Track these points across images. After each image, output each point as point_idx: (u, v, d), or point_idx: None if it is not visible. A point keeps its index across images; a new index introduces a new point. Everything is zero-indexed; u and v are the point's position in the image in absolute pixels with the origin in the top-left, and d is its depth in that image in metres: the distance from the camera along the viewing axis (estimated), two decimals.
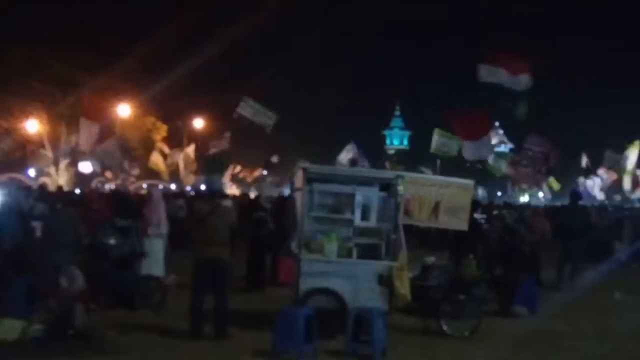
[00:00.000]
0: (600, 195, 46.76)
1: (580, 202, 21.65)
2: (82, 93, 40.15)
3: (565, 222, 17.07)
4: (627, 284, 16.52)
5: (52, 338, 9.06)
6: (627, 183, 42.31)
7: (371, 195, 10.62)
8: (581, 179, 49.47)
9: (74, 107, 39.63)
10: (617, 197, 48.81)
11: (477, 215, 14.62)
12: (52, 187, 25.48)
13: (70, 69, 40.03)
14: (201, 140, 43.43)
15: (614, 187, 47.55)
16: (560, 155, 38.24)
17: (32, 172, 35.93)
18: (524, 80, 21.72)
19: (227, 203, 11.46)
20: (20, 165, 37.11)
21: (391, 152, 73.54)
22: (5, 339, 8.91)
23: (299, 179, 10.52)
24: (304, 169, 10.68)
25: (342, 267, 10.02)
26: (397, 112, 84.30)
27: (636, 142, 39.87)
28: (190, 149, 42.18)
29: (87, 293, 10.16)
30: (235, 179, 38.95)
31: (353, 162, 33.56)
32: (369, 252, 10.27)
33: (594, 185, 46.01)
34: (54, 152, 38.17)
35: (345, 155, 35.17)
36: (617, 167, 42.30)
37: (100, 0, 47.94)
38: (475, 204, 14.98)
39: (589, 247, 18.62)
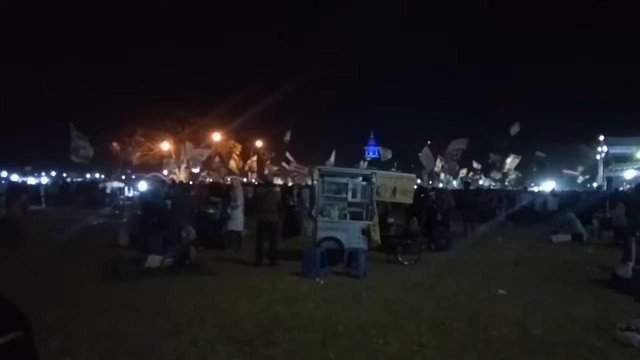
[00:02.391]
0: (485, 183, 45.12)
1: (470, 187, 21.80)
2: (193, 127, 40.73)
3: (461, 198, 17.02)
4: (504, 233, 16.44)
5: (177, 266, 9.17)
6: (511, 176, 41.49)
7: (357, 183, 10.59)
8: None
9: (189, 135, 40.09)
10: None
11: (422, 195, 14.59)
12: (176, 181, 25.47)
13: (186, 113, 40.73)
14: (260, 153, 43.81)
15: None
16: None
17: (165, 172, 36.11)
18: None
19: (276, 189, 11.46)
20: (158, 168, 37.41)
21: (369, 159, 73.10)
22: (151, 267, 9.02)
23: (316, 174, 10.53)
24: (319, 169, 10.68)
25: (341, 224, 9.97)
26: (372, 135, 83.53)
27: (514, 156, 38.66)
28: (254, 158, 42.33)
29: (197, 240, 10.24)
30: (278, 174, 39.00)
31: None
32: (356, 216, 10.19)
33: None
34: (176, 160, 38.54)
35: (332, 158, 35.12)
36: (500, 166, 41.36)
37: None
38: (420, 189, 14.95)
39: (480, 213, 18.61)
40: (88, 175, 46.56)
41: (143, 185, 20.17)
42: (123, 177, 34.92)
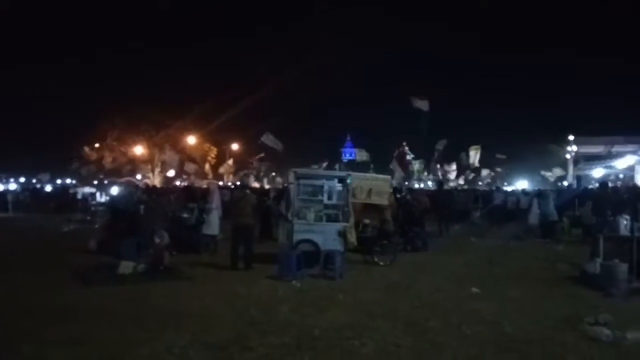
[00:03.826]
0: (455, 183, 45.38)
1: (444, 188, 22.13)
2: (167, 131, 40.17)
3: (436, 199, 17.24)
4: (478, 233, 16.70)
5: (151, 271, 9.03)
6: (483, 173, 42.15)
7: (333, 185, 10.57)
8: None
9: (162, 139, 39.57)
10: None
11: (397, 196, 14.71)
12: (150, 185, 25.10)
13: (161, 117, 40.17)
14: (236, 157, 43.48)
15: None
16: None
17: (138, 176, 35.56)
18: None
19: (251, 192, 11.39)
20: (132, 172, 36.80)
21: (346, 161, 73.06)
22: (124, 273, 8.86)
23: (291, 177, 10.51)
24: (295, 171, 10.67)
25: (317, 227, 9.96)
26: (349, 138, 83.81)
27: (474, 147, 39.12)
28: (230, 162, 42.01)
29: (171, 245, 10.10)
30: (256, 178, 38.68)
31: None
32: (332, 218, 10.21)
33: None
34: (150, 165, 38.00)
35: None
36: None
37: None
38: (395, 190, 15.06)
39: (456, 213, 18.87)
40: (59, 181, 45.51)
41: (115, 191, 19.82)
42: (95, 182, 34.26)
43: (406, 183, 35.92)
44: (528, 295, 7.67)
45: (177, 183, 35.49)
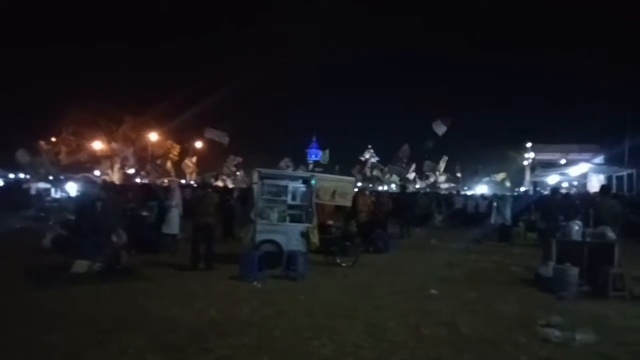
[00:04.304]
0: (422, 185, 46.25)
1: (408, 191, 22.49)
2: (128, 127, 39.10)
3: (398, 201, 17.50)
4: (439, 236, 17.04)
5: (107, 271, 8.78)
6: (440, 179, 43.11)
7: (297, 186, 10.58)
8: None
9: (123, 135, 38.53)
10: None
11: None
12: (108, 182, 24.38)
13: (122, 112, 38.97)
14: (200, 154, 42.76)
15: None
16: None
17: (97, 172, 34.45)
18: None
19: (213, 192, 11.24)
20: (90, 168, 35.60)
21: (311, 162, 73.06)
22: (79, 272, 8.58)
23: (255, 177, 10.44)
24: (259, 171, 10.61)
25: (280, 227, 9.94)
26: (314, 139, 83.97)
27: (444, 157, 40.40)
28: (193, 159, 41.30)
29: (129, 244, 9.85)
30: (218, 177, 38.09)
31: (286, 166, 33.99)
32: (295, 219, 10.20)
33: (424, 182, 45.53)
34: (110, 161, 36.90)
35: (285, 163, 35.12)
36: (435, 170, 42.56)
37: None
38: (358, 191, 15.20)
39: (417, 216, 19.23)
40: (12, 176, 43.61)
41: (72, 187, 19.18)
42: (50, 177, 33.00)
43: (370, 185, 36.24)
44: (484, 296, 7.88)
45: (137, 180, 34.61)
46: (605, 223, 8.57)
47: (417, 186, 39.57)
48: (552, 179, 28.92)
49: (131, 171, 34.77)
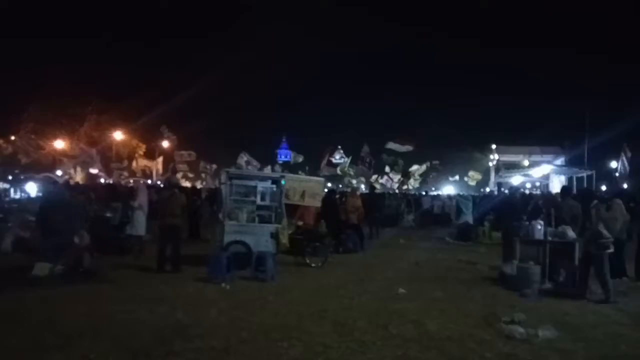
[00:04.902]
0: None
1: (377, 191, 22.67)
2: (91, 125, 38.03)
3: (368, 202, 17.59)
4: (407, 236, 17.26)
5: (69, 274, 8.52)
6: (411, 182, 43.51)
7: (266, 186, 10.52)
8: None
9: (85, 133, 37.47)
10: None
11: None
12: (72, 182, 23.69)
13: (85, 111, 37.74)
14: (166, 155, 41.98)
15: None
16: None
17: (58, 172, 33.38)
18: None
19: (180, 192, 11.06)
20: (51, 168, 34.43)
21: (281, 162, 72.99)
22: (39, 275, 8.29)
23: (224, 177, 10.34)
24: (227, 171, 10.51)
25: (249, 228, 9.86)
26: (284, 139, 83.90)
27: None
28: (160, 159, 40.56)
29: (92, 246, 9.58)
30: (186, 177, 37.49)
31: (247, 163, 33.56)
32: (265, 219, 10.15)
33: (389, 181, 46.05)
34: (73, 160, 35.80)
35: (241, 159, 34.55)
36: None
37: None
38: (328, 192, 15.22)
39: (386, 216, 19.42)
40: None
41: (32, 187, 18.54)
42: (9, 177, 31.83)
43: (339, 186, 36.42)
44: (451, 295, 8.02)
45: (102, 180, 33.75)
46: (565, 223, 8.84)
47: (389, 186, 39.91)
48: (515, 179, 29.71)
49: (95, 171, 33.82)
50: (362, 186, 39.81)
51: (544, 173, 29.42)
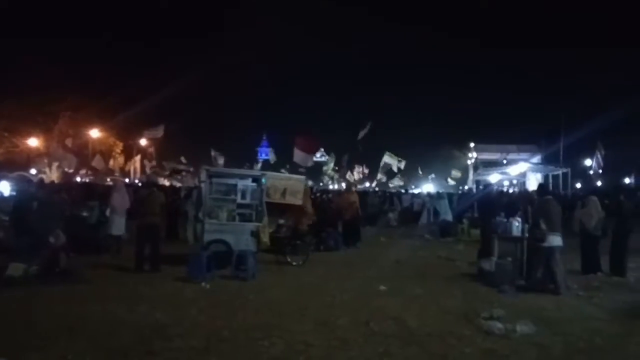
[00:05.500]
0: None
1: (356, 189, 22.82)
2: (65, 123, 37.18)
3: None
4: (387, 233, 17.36)
5: (45, 274, 8.32)
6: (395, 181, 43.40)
7: (247, 184, 10.44)
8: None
9: (61, 131, 36.65)
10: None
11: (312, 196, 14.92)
12: (46, 181, 23.15)
13: (59, 108, 36.86)
14: (144, 153, 41.32)
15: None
16: None
17: (33, 171, 32.62)
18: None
19: (158, 190, 10.92)
20: (25, 166, 33.61)
21: (260, 161, 72.56)
22: (13, 276, 8.08)
23: (203, 176, 10.24)
24: (207, 169, 10.41)
25: (230, 227, 9.79)
26: (264, 138, 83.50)
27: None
28: (138, 157, 39.97)
29: (68, 246, 9.37)
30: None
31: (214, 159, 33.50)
32: (245, 218, 10.08)
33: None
34: (47, 158, 34.99)
35: (220, 158, 34.40)
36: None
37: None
38: (310, 189, 15.25)
39: (368, 214, 19.48)
40: None
41: (5, 186, 18.07)
42: None
43: (321, 184, 36.47)
44: (431, 291, 8.09)
45: (78, 179, 33.11)
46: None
47: (367, 184, 40.05)
48: (493, 177, 30.11)
49: (70, 170, 33.14)
50: (343, 184, 39.94)
51: (520, 171, 29.89)
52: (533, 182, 26.85)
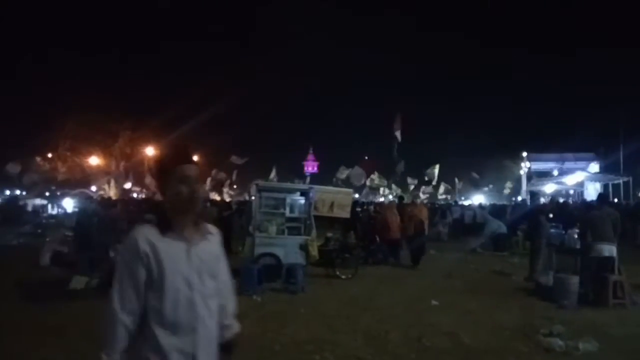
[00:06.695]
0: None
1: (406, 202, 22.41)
2: (124, 142, 39.03)
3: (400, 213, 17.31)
4: (438, 246, 16.97)
5: (105, 287, 8.69)
6: (440, 191, 42.60)
7: (295, 198, 10.60)
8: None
9: (119, 150, 38.50)
10: None
11: (357, 209, 14.83)
12: (105, 197, 24.29)
13: (118, 129, 38.78)
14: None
15: None
16: None
17: (93, 188, 34.34)
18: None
19: (211, 205, 11.24)
20: (86, 184, 35.45)
21: (308, 175, 73.14)
22: (76, 288, 8.52)
23: (253, 190, 10.44)
24: (257, 184, 10.62)
25: (279, 240, 9.92)
26: (310, 150, 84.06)
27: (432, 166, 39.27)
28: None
29: None
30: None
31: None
32: (294, 231, 10.19)
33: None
34: (107, 176, 36.77)
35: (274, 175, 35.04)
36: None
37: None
38: (356, 203, 15.18)
39: None
40: (8, 192, 43.46)
41: (68, 203, 19.10)
42: (47, 193, 32.88)
43: (370, 197, 36.22)
44: (485, 306, 7.84)
45: (135, 195, 34.48)
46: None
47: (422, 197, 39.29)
48: (548, 187, 28.96)
49: (128, 186, 34.63)
50: (390, 197, 39.49)
51: (578, 180, 28.58)
52: (592, 192, 25.64)
